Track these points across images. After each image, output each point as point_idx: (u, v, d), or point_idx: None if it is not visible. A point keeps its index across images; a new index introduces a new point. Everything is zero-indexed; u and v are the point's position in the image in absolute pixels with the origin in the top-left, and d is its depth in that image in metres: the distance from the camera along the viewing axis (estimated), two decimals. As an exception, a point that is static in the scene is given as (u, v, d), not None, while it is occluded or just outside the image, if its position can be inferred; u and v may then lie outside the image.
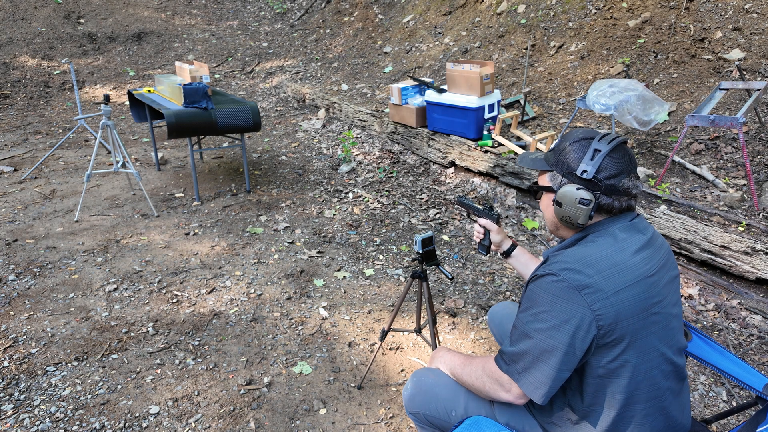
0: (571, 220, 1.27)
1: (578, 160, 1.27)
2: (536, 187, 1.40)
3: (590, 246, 1.22)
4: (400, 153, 5.36)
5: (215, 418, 2.23)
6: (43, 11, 9.97)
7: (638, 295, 1.16)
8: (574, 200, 1.25)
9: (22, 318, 2.92)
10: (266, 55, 9.72)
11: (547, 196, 1.38)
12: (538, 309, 1.19)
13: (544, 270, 1.22)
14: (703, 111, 3.63)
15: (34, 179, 5.14)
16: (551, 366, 1.16)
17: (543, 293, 1.19)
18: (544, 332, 1.17)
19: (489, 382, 1.30)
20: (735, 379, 1.35)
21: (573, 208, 1.25)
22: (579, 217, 1.26)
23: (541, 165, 1.38)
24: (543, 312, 1.18)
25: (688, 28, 4.94)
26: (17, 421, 2.21)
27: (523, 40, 6.17)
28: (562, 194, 1.27)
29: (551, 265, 1.21)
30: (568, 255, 1.21)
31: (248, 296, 3.14)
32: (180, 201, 4.57)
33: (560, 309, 1.15)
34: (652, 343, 1.19)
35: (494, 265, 3.48)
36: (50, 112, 7.71)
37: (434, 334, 2.20)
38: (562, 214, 1.29)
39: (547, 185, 1.36)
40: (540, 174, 1.42)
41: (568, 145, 1.30)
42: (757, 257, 2.75)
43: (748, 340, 2.60)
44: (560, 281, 1.16)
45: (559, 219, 1.32)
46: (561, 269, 1.18)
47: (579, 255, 1.19)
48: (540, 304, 1.19)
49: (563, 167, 1.30)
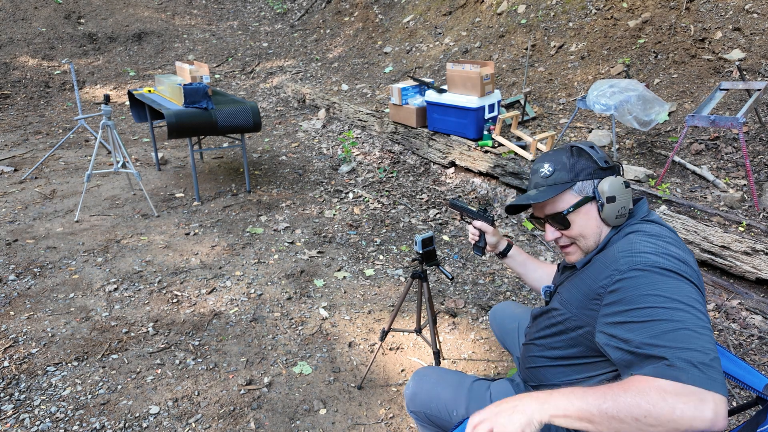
0: (625, 209, 1.24)
1: (592, 159, 1.27)
2: (566, 211, 1.26)
3: (645, 235, 1.16)
4: (401, 153, 5.36)
5: (215, 418, 2.23)
6: (44, 11, 9.97)
7: (696, 267, 1.16)
8: (622, 185, 1.23)
9: (22, 318, 2.92)
10: (266, 55, 9.72)
11: (582, 211, 1.26)
12: (667, 299, 1.01)
13: (633, 267, 1.08)
14: (704, 111, 3.63)
15: (35, 179, 5.14)
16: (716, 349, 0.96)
17: (662, 288, 1.03)
18: (694, 313, 0.99)
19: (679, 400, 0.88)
20: (735, 379, 1.35)
21: (624, 195, 1.23)
22: (629, 202, 1.24)
23: (561, 187, 1.27)
24: (678, 305, 1.00)
25: (689, 29, 4.94)
26: (17, 421, 2.21)
27: (524, 40, 6.17)
28: (611, 187, 1.22)
29: (635, 259, 1.09)
30: (638, 248, 1.12)
31: (248, 296, 3.14)
32: (180, 201, 4.57)
33: (688, 291, 1.02)
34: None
35: (494, 265, 3.48)
36: (50, 112, 7.71)
37: (434, 334, 2.20)
38: (617, 208, 1.22)
39: (579, 199, 1.26)
40: (551, 205, 1.29)
41: (572, 156, 1.29)
42: (758, 257, 2.75)
43: (749, 341, 2.60)
44: (667, 267, 1.06)
45: (613, 218, 1.23)
46: (654, 260, 1.07)
47: (650, 243, 1.12)
48: (666, 298, 1.01)
49: (586, 172, 1.26)
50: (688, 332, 0.95)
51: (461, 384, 1.51)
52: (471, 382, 1.52)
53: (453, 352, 2.66)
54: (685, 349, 0.93)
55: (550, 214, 1.30)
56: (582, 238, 1.28)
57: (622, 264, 1.11)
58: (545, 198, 1.25)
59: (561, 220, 1.28)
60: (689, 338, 0.94)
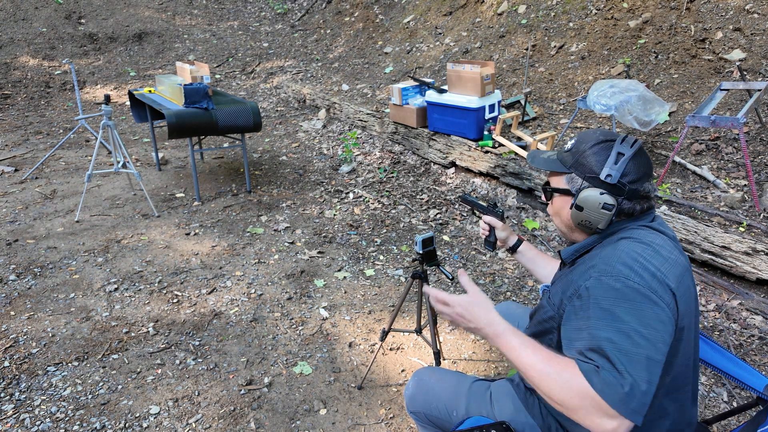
0: (591, 225, 1.23)
1: (601, 164, 1.22)
2: (550, 188, 1.34)
3: (635, 243, 1.15)
4: (401, 153, 5.36)
5: (216, 418, 2.23)
6: (44, 11, 9.98)
7: (688, 288, 1.15)
8: (598, 205, 1.20)
9: (22, 318, 2.93)
10: (267, 55, 9.72)
11: (561, 199, 1.31)
12: (622, 324, 1.03)
13: (602, 276, 1.10)
14: (704, 111, 3.62)
15: (35, 179, 5.15)
16: (657, 374, 1.02)
17: (620, 304, 1.05)
18: (651, 346, 1.02)
19: (589, 408, 1.00)
20: (736, 379, 1.35)
21: (595, 213, 1.21)
22: (599, 223, 1.21)
23: (557, 166, 1.31)
24: (630, 327, 1.03)
25: (689, 29, 4.94)
26: (18, 421, 2.21)
27: (524, 40, 6.17)
28: (584, 198, 1.22)
29: (607, 268, 1.10)
30: (621, 256, 1.12)
31: (249, 296, 3.15)
32: (180, 201, 4.58)
33: (648, 316, 1.03)
34: (692, 338, 1.18)
35: (494, 265, 3.48)
36: (51, 113, 7.71)
37: (435, 334, 2.20)
38: (581, 218, 1.24)
39: (563, 188, 1.30)
40: (551, 175, 1.35)
41: (588, 148, 1.25)
42: (758, 258, 2.75)
43: (749, 341, 2.60)
44: (633, 285, 1.06)
45: (576, 223, 1.26)
46: (626, 273, 1.08)
47: (633, 253, 1.12)
48: (621, 317, 1.04)
49: (584, 170, 1.24)
50: (629, 356, 1.00)
51: (461, 384, 1.51)
52: (471, 383, 1.52)
53: (453, 353, 2.66)
54: (618, 372, 0.99)
55: (545, 182, 1.38)
56: (555, 219, 1.37)
57: (596, 271, 1.12)
58: (541, 166, 1.35)
59: (546, 193, 1.37)
60: (630, 361, 1.00)
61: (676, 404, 1.21)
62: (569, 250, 1.32)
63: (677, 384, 1.19)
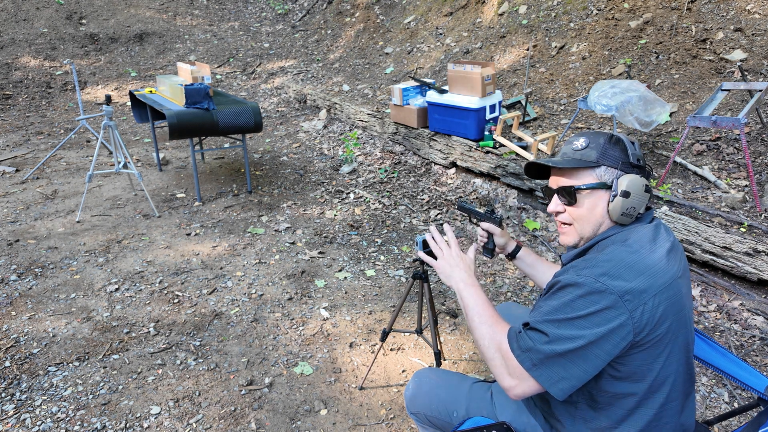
0: (634, 210, 1.22)
1: (625, 151, 1.25)
2: (575, 188, 1.27)
3: (622, 248, 1.17)
4: (402, 154, 5.36)
5: (216, 418, 2.23)
6: (45, 12, 9.99)
7: (674, 296, 1.14)
8: (641, 187, 1.21)
9: (23, 318, 2.93)
10: (267, 55, 9.73)
11: (594, 195, 1.26)
12: (574, 314, 1.12)
13: (579, 274, 1.15)
14: (705, 112, 3.62)
15: (36, 179, 5.15)
16: (581, 368, 1.12)
17: (580, 300, 1.12)
18: (578, 339, 1.11)
19: (498, 362, 1.20)
20: (737, 380, 1.35)
21: (639, 197, 1.21)
22: (642, 206, 1.23)
23: (585, 165, 1.27)
24: (579, 318, 1.11)
25: (690, 29, 4.94)
26: (18, 421, 2.22)
27: (525, 40, 6.17)
28: (631, 183, 1.21)
29: (587, 270, 1.14)
30: (602, 259, 1.15)
31: (249, 297, 3.15)
32: (181, 201, 4.58)
33: (600, 317, 1.10)
34: (680, 345, 1.18)
35: (495, 266, 3.48)
36: (52, 113, 7.72)
37: (435, 334, 2.20)
38: (627, 206, 1.21)
39: (595, 182, 1.25)
40: (566, 176, 1.30)
41: (605, 141, 1.27)
42: (759, 258, 2.75)
43: (750, 342, 2.60)
44: (599, 287, 1.10)
45: (620, 213, 1.22)
46: (599, 275, 1.12)
47: (615, 258, 1.14)
48: (576, 309, 1.12)
49: (615, 160, 1.25)
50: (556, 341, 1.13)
51: (461, 385, 1.51)
52: (471, 384, 1.52)
53: (454, 353, 2.66)
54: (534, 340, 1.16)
55: (563, 186, 1.29)
56: (581, 222, 1.29)
57: (575, 268, 1.18)
58: (567, 165, 1.27)
59: (571, 195, 1.28)
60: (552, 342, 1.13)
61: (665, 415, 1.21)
62: (570, 255, 1.32)
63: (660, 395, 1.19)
